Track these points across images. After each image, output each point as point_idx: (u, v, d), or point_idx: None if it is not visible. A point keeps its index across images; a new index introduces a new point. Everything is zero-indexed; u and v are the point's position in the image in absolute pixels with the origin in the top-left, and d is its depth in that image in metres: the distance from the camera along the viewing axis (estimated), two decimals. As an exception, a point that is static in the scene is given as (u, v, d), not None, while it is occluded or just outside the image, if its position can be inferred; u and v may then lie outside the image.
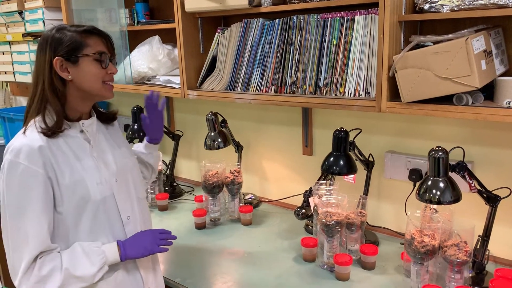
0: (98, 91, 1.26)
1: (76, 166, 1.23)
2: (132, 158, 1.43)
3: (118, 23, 2.23)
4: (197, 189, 2.40)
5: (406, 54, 1.33)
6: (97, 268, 1.21)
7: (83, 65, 1.22)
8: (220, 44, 1.93)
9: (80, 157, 1.25)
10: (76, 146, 1.26)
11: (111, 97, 1.30)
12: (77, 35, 1.22)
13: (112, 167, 1.31)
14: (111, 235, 1.28)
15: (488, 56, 1.28)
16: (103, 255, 1.22)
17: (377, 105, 1.43)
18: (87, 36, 1.23)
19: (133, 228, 1.33)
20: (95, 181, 1.25)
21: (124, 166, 1.35)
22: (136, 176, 1.41)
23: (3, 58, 3.05)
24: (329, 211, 1.53)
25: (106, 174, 1.28)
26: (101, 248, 1.23)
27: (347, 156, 1.61)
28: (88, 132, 1.29)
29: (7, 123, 2.97)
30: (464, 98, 1.28)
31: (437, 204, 1.33)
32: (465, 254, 1.30)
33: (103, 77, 1.26)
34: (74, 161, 1.24)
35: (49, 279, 1.17)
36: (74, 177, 1.22)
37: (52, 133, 1.20)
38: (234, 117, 2.24)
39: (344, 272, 1.48)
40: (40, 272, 1.16)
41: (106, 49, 1.26)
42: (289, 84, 1.70)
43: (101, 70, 1.25)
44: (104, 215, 1.27)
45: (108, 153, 1.33)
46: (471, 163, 1.57)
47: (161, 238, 1.34)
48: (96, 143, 1.31)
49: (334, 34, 1.58)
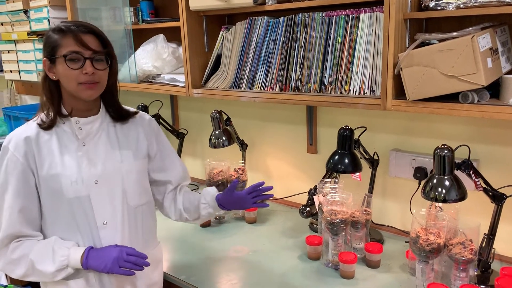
0: (74, 92, 1.24)
1: (56, 160, 1.26)
2: (136, 163, 1.36)
3: (123, 21, 2.23)
4: (202, 187, 2.40)
5: (411, 52, 1.32)
6: (56, 268, 1.22)
7: (58, 66, 1.22)
8: (224, 42, 1.93)
9: (65, 152, 1.27)
10: (65, 140, 1.28)
11: (88, 98, 1.25)
12: (54, 35, 1.22)
13: (97, 168, 1.28)
14: (85, 237, 1.28)
15: (494, 54, 1.28)
16: (66, 258, 1.23)
17: (382, 103, 1.43)
18: (61, 36, 1.21)
19: (110, 235, 1.29)
20: (70, 179, 1.25)
21: (115, 169, 1.31)
22: (133, 183, 1.34)
23: (9, 56, 3.07)
24: (334, 209, 1.53)
25: (86, 174, 1.27)
26: (69, 250, 1.23)
27: (352, 154, 1.60)
28: (82, 129, 1.28)
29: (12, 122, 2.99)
30: (469, 96, 1.27)
31: (443, 202, 1.32)
32: (470, 253, 1.30)
33: (77, 78, 1.21)
34: (57, 155, 1.26)
35: (17, 264, 1.25)
36: (51, 171, 1.25)
37: (47, 127, 1.26)
38: (238, 115, 2.24)
39: (349, 270, 1.48)
40: (11, 255, 1.25)
41: (80, 48, 1.20)
42: (294, 82, 1.70)
43: (72, 71, 1.20)
44: (79, 216, 1.26)
45: (100, 154, 1.30)
46: (477, 161, 1.57)
47: (126, 260, 1.24)
48: (92, 141, 1.30)
49: (339, 32, 1.58)
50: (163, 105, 2.41)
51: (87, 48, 1.21)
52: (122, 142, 1.35)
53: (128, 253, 1.26)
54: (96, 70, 1.22)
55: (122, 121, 1.37)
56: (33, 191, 1.26)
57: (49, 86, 1.26)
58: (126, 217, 1.33)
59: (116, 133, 1.36)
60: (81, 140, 1.29)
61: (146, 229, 1.42)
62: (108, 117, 1.36)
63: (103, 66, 1.25)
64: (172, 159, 1.50)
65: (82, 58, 1.20)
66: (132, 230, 1.35)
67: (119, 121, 1.37)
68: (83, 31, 1.21)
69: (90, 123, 1.30)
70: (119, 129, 1.37)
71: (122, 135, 1.36)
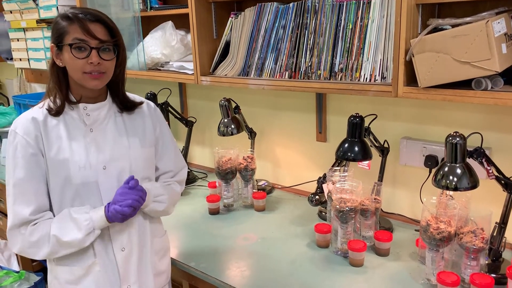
0: (79, 80, 1.23)
1: (64, 146, 1.25)
2: (144, 150, 1.36)
3: (131, 8, 2.22)
4: (211, 175, 2.41)
5: (423, 37, 1.30)
6: (84, 233, 1.23)
7: (65, 53, 1.21)
8: (233, 29, 1.91)
9: (73, 138, 1.26)
10: (73, 127, 1.27)
11: (95, 87, 1.24)
12: (62, 22, 1.20)
13: (105, 154, 1.28)
14: None
15: (509, 39, 1.25)
16: (89, 221, 1.23)
17: (394, 90, 1.41)
18: (68, 24, 1.19)
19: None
20: (78, 164, 1.25)
21: (123, 155, 1.30)
22: (141, 169, 1.33)
23: (18, 44, 3.07)
24: (343, 197, 1.52)
25: (94, 159, 1.27)
26: (88, 213, 1.24)
27: (362, 142, 1.59)
28: (90, 115, 1.28)
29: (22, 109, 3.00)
30: (483, 83, 1.25)
31: (454, 190, 1.31)
32: (481, 241, 1.29)
33: (82, 68, 1.19)
34: (65, 140, 1.26)
35: (40, 246, 1.24)
36: (59, 155, 1.25)
37: (55, 113, 1.26)
38: (247, 103, 2.23)
39: (358, 258, 1.48)
40: (30, 237, 1.24)
41: (86, 37, 1.18)
42: (304, 69, 1.68)
43: (78, 61, 1.19)
44: (86, 201, 1.27)
45: (108, 140, 1.30)
46: (489, 149, 1.55)
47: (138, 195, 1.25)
48: (99, 127, 1.30)
49: (349, 18, 1.56)
50: (172, 93, 2.41)
51: (94, 37, 1.18)
52: (130, 130, 1.35)
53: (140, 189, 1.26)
54: (102, 61, 1.21)
55: (129, 111, 1.37)
56: (43, 173, 1.26)
57: (57, 72, 1.26)
58: None
59: (123, 122, 1.35)
60: (89, 126, 1.29)
61: (151, 218, 1.41)
62: (115, 106, 1.35)
63: (110, 56, 1.23)
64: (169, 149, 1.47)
65: (88, 48, 1.19)
66: (139, 216, 1.36)
67: (125, 111, 1.36)
68: (90, 19, 1.19)
69: (97, 109, 1.30)
70: (126, 118, 1.36)
71: (129, 124, 1.36)
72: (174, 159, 1.49)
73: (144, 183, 1.35)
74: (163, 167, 1.46)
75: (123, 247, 1.32)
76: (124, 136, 1.33)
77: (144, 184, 1.33)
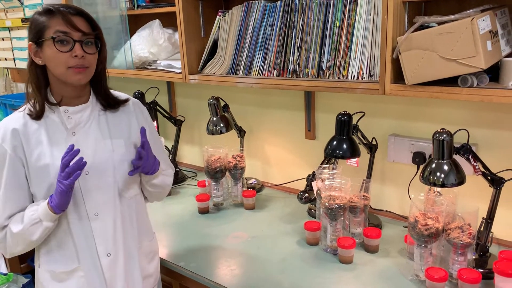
0: (63, 76, 1.19)
1: (45, 152, 1.22)
2: (128, 152, 1.30)
3: (118, 7, 2.20)
4: (200, 174, 2.40)
5: (410, 35, 1.30)
6: (28, 224, 1.20)
7: (46, 49, 1.17)
8: (221, 27, 1.90)
9: (54, 143, 1.23)
10: (54, 131, 1.24)
11: (77, 82, 1.20)
12: (40, 17, 1.17)
13: (87, 159, 1.21)
14: (77, 227, 1.26)
15: (494, 37, 1.26)
16: (35, 212, 1.21)
17: (381, 88, 1.41)
18: (49, 18, 1.16)
19: (102, 226, 1.27)
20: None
21: (106, 159, 1.26)
22: (125, 173, 1.29)
23: (3, 44, 3.03)
24: (332, 194, 1.53)
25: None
26: (38, 205, 1.22)
27: (350, 139, 1.60)
28: (72, 118, 1.25)
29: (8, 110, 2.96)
30: (469, 80, 1.26)
31: (441, 186, 1.32)
32: (468, 237, 1.30)
33: (66, 62, 1.16)
34: (46, 146, 1.23)
35: (2, 242, 1.26)
36: (40, 162, 1.22)
37: (36, 117, 1.23)
38: (236, 101, 2.22)
39: (348, 255, 1.49)
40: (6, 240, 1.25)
41: (69, 29, 1.14)
42: (292, 67, 1.68)
43: (62, 54, 1.15)
44: (70, 207, 1.23)
45: (90, 143, 1.26)
46: (476, 146, 1.56)
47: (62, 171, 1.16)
48: (82, 130, 1.26)
49: (337, 16, 1.56)
50: (160, 92, 2.40)
51: (76, 29, 1.15)
52: (113, 131, 1.31)
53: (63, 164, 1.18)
54: (86, 54, 1.18)
55: (113, 109, 1.33)
56: (23, 182, 1.24)
57: (36, 72, 1.22)
58: (119, 208, 1.30)
59: (107, 122, 1.31)
60: (71, 129, 1.25)
61: (140, 220, 1.39)
62: (99, 105, 1.31)
63: (92, 50, 1.21)
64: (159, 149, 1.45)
65: (72, 41, 1.16)
66: (125, 221, 1.33)
67: (109, 109, 1.32)
68: (71, 12, 1.17)
69: (79, 112, 1.26)
70: (110, 117, 1.32)
71: (113, 124, 1.32)
72: (165, 158, 1.48)
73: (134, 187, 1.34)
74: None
75: (108, 252, 1.28)
76: (107, 139, 1.29)
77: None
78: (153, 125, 1.46)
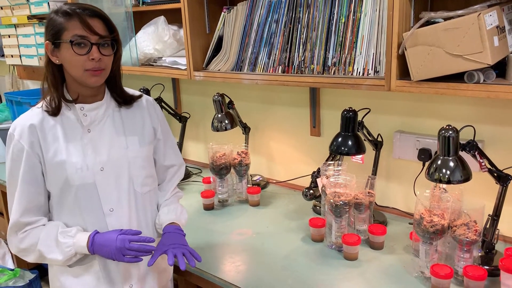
0: (79, 78, 1.21)
1: (61, 148, 1.24)
2: (142, 149, 1.34)
3: (123, 4, 2.20)
4: (205, 170, 2.40)
5: (416, 31, 1.30)
6: (64, 257, 1.24)
7: (63, 50, 1.19)
8: (226, 23, 1.90)
9: (69, 139, 1.25)
10: (70, 128, 1.26)
11: (93, 84, 1.22)
12: (59, 18, 1.18)
13: (102, 155, 1.26)
14: (92, 223, 1.28)
15: (501, 32, 1.25)
16: (71, 247, 1.24)
17: (387, 84, 1.41)
18: (66, 19, 1.17)
19: (117, 222, 1.29)
20: (75, 166, 1.24)
21: (120, 156, 1.29)
22: (139, 169, 1.33)
23: (9, 41, 3.04)
24: (337, 191, 1.53)
25: (92, 161, 1.26)
26: (73, 239, 1.24)
27: (356, 136, 1.59)
28: (87, 116, 1.27)
29: (14, 107, 2.98)
30: (475, 76, 1.25)
31: (447, 183, 1.31)
32: (474, 234, 1.29)
33: (84, 65, 1.18)
34: (62, 142, 1.25)
35: (27, 254, 1.29)
36: (56, 158, 1.24)
37: (53, 113, 1.25)
38: (241, 98, 2.22)
39: (353, 252, 1.49)
40: (20, 244, 1.27)
41: (87, 33, 1.16)
42: (297, 63, 1.68)
43: (79, 57, 1.17)
44: (85, 203, 1.26)
45: (105, 140, 1.28)
46: (482, 142, 1.55)
47: (129, 249, 1.21)
48: (97, 127, 1.28)
49: (342, 12, 1.55)
50: (165, 89, 2.40)
51: (94, 33, 1.17)
52: (128, 128, 1.33)
53: (132, 240, 1.23)
54: (103, 56, 1.19)
55: (127, 105, 1.35)
56: (40, 178, 1.26)
57: (53, 70, 1.23)
58: (133, 203, 1.32)
59: (121, 119, 1.33)
60: (86, 127, 1.27)
61: (154, 215, 1.42)
62: (113, 102, 1.34)
63: (109, 52, 1.22)
64: (173, 144, 1.49)
65: (89, 44, 1.17)
66: (140, 216, 1.35)
67: (124, 106, 1.35)
68: (89, 14, 1.17)
69: (95, 109, 1.28)
70: (124, 114, 1.35)
71: (127, 120, 1.34)
72: (177, 153, 1.52)
73: (169, 215, 1.41)
74: (169, 162, 1.47)
75: None
76: (122, 135, 1.31)
77: (168, 216, 1.39)
78: (166, 122, 1.48)
